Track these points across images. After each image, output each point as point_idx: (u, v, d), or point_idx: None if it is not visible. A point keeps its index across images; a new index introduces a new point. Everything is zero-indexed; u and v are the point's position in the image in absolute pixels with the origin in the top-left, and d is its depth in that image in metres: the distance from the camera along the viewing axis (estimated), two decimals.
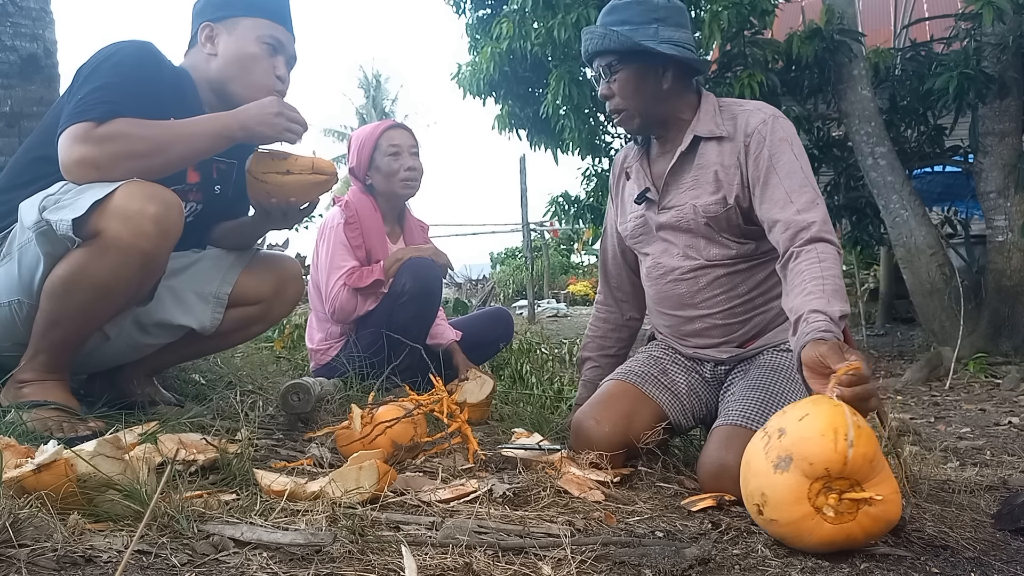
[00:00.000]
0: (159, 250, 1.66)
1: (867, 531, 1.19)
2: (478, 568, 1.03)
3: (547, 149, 6.61)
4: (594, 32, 1.83)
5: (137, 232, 1.60)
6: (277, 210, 1.92)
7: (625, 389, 1.86)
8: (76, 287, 1.63)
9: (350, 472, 1.35)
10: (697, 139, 1.83)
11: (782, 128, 1.76)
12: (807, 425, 1.20)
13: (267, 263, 2.10)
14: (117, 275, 1.64)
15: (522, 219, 11.89)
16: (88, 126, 1.64)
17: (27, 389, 1.66)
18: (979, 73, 4.84)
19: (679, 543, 1.22)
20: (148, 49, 1.82)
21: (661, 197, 1.89)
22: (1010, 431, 2.91)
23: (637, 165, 1.97)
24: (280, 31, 1.92)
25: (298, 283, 2.15)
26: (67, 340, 1.70)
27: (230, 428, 1.83)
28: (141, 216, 1.60)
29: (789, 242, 1.64)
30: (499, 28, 5.78)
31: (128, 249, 1.61)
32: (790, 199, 1.68)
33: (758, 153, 1.74)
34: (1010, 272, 5.14)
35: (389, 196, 2.77)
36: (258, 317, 2.08)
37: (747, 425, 1.61)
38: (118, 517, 1.11)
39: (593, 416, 1.80)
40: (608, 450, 1.71)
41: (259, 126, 1.76)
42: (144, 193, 1.62)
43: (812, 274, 1.54)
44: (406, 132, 2.80)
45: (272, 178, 1.84)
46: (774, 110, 1.81)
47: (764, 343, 1.84)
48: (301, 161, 1.85)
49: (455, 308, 7.25)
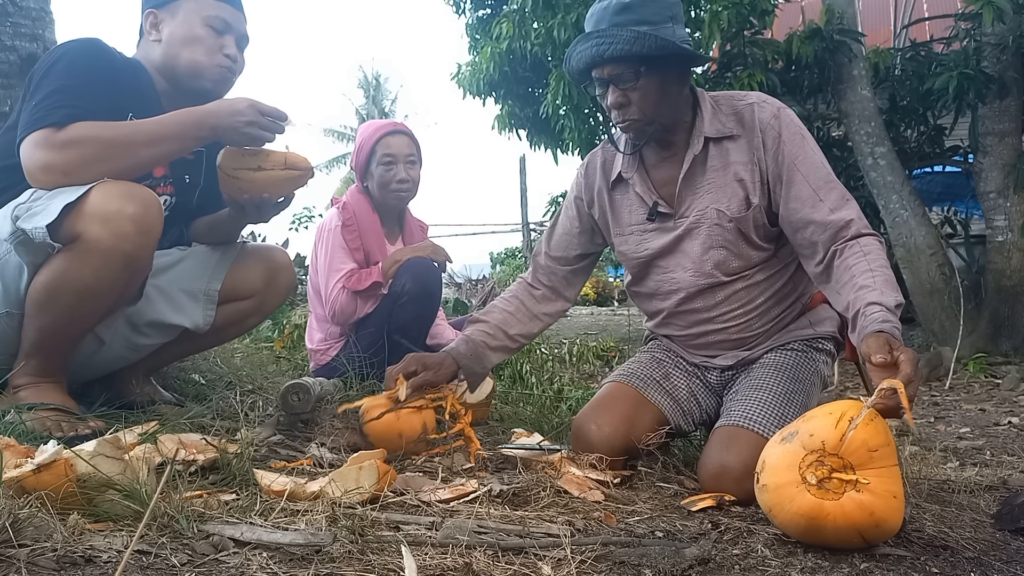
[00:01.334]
0: (141, 250, 1.65)
1: (849, 516, 1.18)
2: (478, 568, 1.03)
3: (547, 149, 6.61)
4: (616, 36, 1.62)
5: (117, 233, 1.59)
6: (251, 205, 1.89)
7: (626, 392, 1.83)
8: (59, 292, 1.63)
9: (350, 472, 1.35)
10: (707, 141, 1.74)
11: (793, 121, 1.72)
12: (823, 409, 1.28)
13: (256, 256, 2.09)
14: (100, 277, 1.63)
15: (522, 219, 11.91)
16: (48, 132, 1.62)
17: (23, 393, 1.66)
18: (979, 73, 4.84)
19: (679, 543, 1.22)
20: (97, 45, 1.79)
21: (676, 207, 1.79)
22: (1010, 431, 2.91)
23: (636, 176, 1.82)
24: (226, 10, 1.89)
25: (289, 272, 2.14)
26: (57, 344, 1.70)
27: (230, 428, 1.83)
28: (120, 216, 1.59)
29: (830, 242, 1.62)
30: (499, 28, 5.78)
31: (109, 251, 1.60)
32: (819, 197, 1.64)
33: (776, 149, 1.69)
34: (1010, 272, 5.14)
35: (381, 203, 2.76)
36: (252, 310, 2.08)
37: (749, 426, 1.60)
38: (118, 517, 1.11)
39: (594, 420, 1.78)
40: (609, 454, 1.69)
41: (229, 131, 1.74)
42: (121, 193, 1.61)
43: (861, 268, 1.54)
44: (404, 139, 2.74)
45: (243, 174, 1.80)
46: (777, 102, 1.75)
47: (770, 344, 1.82)
48: (273, 157, 1.81)
49: (455, 308, 7.24)
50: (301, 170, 1.85)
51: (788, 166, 1.68)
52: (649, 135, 1.75)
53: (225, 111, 1.72)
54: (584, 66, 1.70)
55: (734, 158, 1.73)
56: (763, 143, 1.70)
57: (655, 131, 1.74)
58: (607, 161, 1.90)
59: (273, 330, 4.62)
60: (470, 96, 6.34)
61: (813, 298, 1.87)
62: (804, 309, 1.86)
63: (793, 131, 1.70)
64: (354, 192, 2.80)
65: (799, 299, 1.85)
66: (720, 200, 1.74)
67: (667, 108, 1.72)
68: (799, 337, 1.81)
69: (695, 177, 1.77)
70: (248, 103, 1.73)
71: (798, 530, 1.23)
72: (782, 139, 1.69)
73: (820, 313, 1.86)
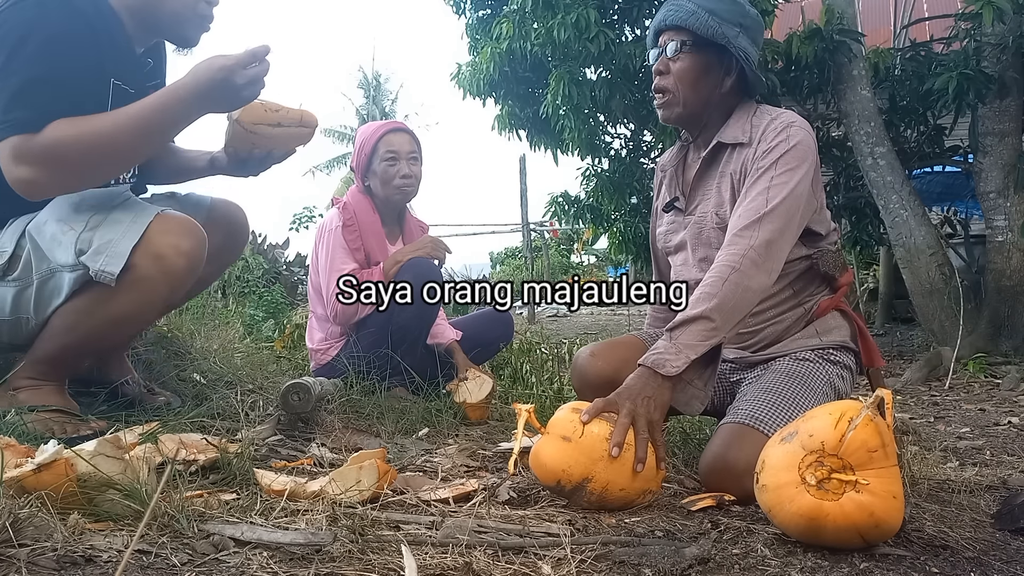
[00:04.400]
0: (185, 285, 1.65)
1: (849, 517, 1.18)
2: (478, 568, 1.03)
3: (547, 149, 6.61)
4: (683, 6, 1.75)
5: (168, 270, 1.59)
6: (255, 159, 1.89)
7: (633, 340, 1.91)
8: (94, 318, 1.62)
9: (350, 472, 1.35)
10: (720, 145, 1.79)
11: (797, 150, 1.67)
12: (822, 410, 1.28)
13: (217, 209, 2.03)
14: (141, 309, 1.63)
15: (522, 219, 11.90)
16: (23, 139, 1.51)
17: (23, 395, 1.65)
18: (979, 73, 4.83)
19: (679, 543, 1.22)
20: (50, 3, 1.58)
21: (687, 204, 1.87)
22: (1010, 431, 2.91)
23: (672, 171, 1.93)
24: None
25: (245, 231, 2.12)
26: (68, 359, 1.70)
27: (230, 428, 1.83)
28: (176, 253, 1.58)
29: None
30: (499, 28, 5.78)
31: (156, 287, 1.60)
32: (744, 201, 1.66)
33: (757, 157, 1.70)
34: (1010, 272, 5.14)
35: (384, 200, 2.77)
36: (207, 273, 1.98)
37: (753, 425, 1.59)
38: (118, 517, 1.11)
39: (592, 351, 1.86)
40: (595, 384, 1.75)
41: (224, 102, 1.64)
42: (177, 228, 1.60)
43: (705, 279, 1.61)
44: (406, 137, 2.77)
45: (263, 129, 1.80)
46: (800, 126, 1.71)
47: (777, 351, 1.80)
48: (292, 114, 1.82)
49: (455, 308, 7.24)
50: (312, 127, 1.87)
51: (753, 178, 1.68)
52: (676, 117, 1.81)
53: (209, 83, 1.58)
54: (653, 30, 1.83)
55: (733, 167, 1.77)
56: (755, 151, 1.72)
57: (683, 116, 1.81)
58: (668, 157, 1.99)
59: (274, 330, 4.62)
60: (470, 96, 6.34)
61: (820, 306, 1.83)
62: (810, 316, 1.83)
63: (789, 157, 1.66)
64: (355, 192, 2.80)
65: (800, 304, 1.83)
66: (722, 205, 1.78)
67: (697, 96, 1.78)
68: (807, 346, 1.79)
69: (706, 179, 1.83)
70: (229, 67, 1.57)
71: (798, 530, 1.23)
72: (770, 153, 1.68)
73: (828, 322, 1.83)
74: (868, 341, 1.85)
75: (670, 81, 1.78)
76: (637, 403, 1.46)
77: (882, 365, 1.89)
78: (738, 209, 1.68)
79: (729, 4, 1.76)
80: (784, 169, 1.66)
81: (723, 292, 1.56)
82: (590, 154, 6.50)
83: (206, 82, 1.57)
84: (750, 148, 1.74)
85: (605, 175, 6.68)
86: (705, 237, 1.82)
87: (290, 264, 8.18)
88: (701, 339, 1.54)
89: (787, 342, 1.81)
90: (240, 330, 4.05)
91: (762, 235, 1.61)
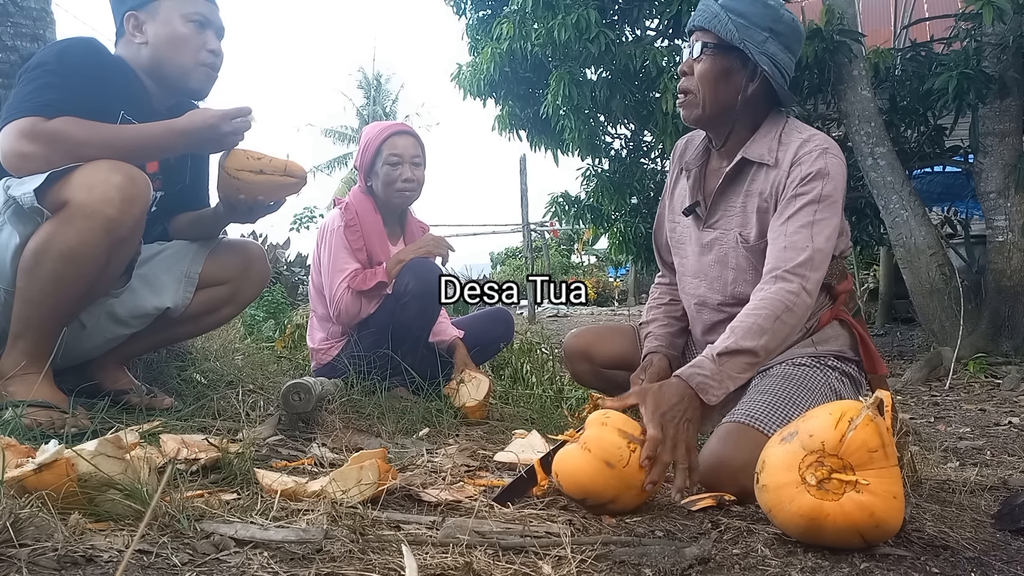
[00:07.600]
0: (125, 216, 1.70)
1: (849, 517, 1.18)
2: (478, 567, 1.04)
3: (547, 150, 6.60)
4: (710, 8, 1.73)
5: (102, 199, 1.65)
6: (243, 205, 1.99)
7: (625, 329, 1.95)
8: (45, 257, 1.67)
9: (351, 471, 1.35)
10: (746, 161, 1.75)
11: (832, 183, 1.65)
12: (823, 410, 1.28)
13: (232, 247, 2.18)
14: (84, 240, 1.67)
15: (522, 219, 11.90)
16: (35, 121, 1.69)
17: (13, 388, 1.68)
18: (979, 73, 4.83)
19: (679, 543, 1.22)
20: (92, 44, 1.88)
21: (708, 215, 1.83)
22: (1010, 431, 2.91)
23: (697, 171, 1.87)
24: (203, 5, 1.97)
25: (263, 264, 2.22)
26: (43, 320, 1.72)
27: (231, 428, 1.83)
28: (106, 184, 1.66)
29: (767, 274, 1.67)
30: (499, 29, 5.77)
31: (93, 215, 1.65)
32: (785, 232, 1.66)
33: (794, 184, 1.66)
34: (1010, 272, 5.14)
35: (386, 202, 2.77)
36: (227, 298, 2.14)
37: (751, 423, 1.59)
38: (119, 517, 1.11)
39: (580, 334, 1.98)
40: (573, 361, 1.91)
41: (207, 143, 1.88)
42: (108, 166, 1.68)
43: (747, 308, 1.62)
44: (411, 140, 2.76)
45: (245, 176, 1.91)
46: (831, 144, 1.70)
47: (775, 359, 1.78)
48: (275, 162, 1.93)
49: (455, 308, 7.24)
50: (298, 178, 1.97)
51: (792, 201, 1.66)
52: (696, 119, 1.78)
53: (199, 126, 1.82)
54: (687, 28, 1.81)
55: (760, 187, 1.74)
56: (788, 174, 1.68)
57: (705, 118, 1.77)
58: (690, 149, 1.94)
59: (274, 330, 4.62)
60: (470, 97, 6.34)
61: (820, 321, 1.82)
62: (811, 331, 1.82)
63: (830, 189, 1.64)
64: (357, 193, 2.80)
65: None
66: (746, 226, 1.77)
67: (717, 100, 1.74)
68: (805, 354, 1.78)
69: (730, 194, 1.80)
70: (218, 116, 1.83)
71: (798, 530, 1.23)
72: (810, 183, 1.65)
73: (826, 332, 1.82)
74: (870, 348, 1.83)
75: (692, 82, 1.75)
76: (679, 428, 1.45)
77: (885, 372, 1.88)
78: (780, 238, 1.66)
79: (760, 7, 1.70)
80: (828, 203, 1.65)
81: (774, 330, 1.58)
82: (590, 154, 6.49)
83: (199, 123, 1.82)
84: (777, 170, 1.71)
85: (605, 175, 6.67)
86: (725, 257, 1.79)
87: (291, 264, 8.18)
88: (742, 371, 1.56)
89: (784, 352, 1.79)
90: (241, 330, 4.06)
91: (814, 276, 1.63)
